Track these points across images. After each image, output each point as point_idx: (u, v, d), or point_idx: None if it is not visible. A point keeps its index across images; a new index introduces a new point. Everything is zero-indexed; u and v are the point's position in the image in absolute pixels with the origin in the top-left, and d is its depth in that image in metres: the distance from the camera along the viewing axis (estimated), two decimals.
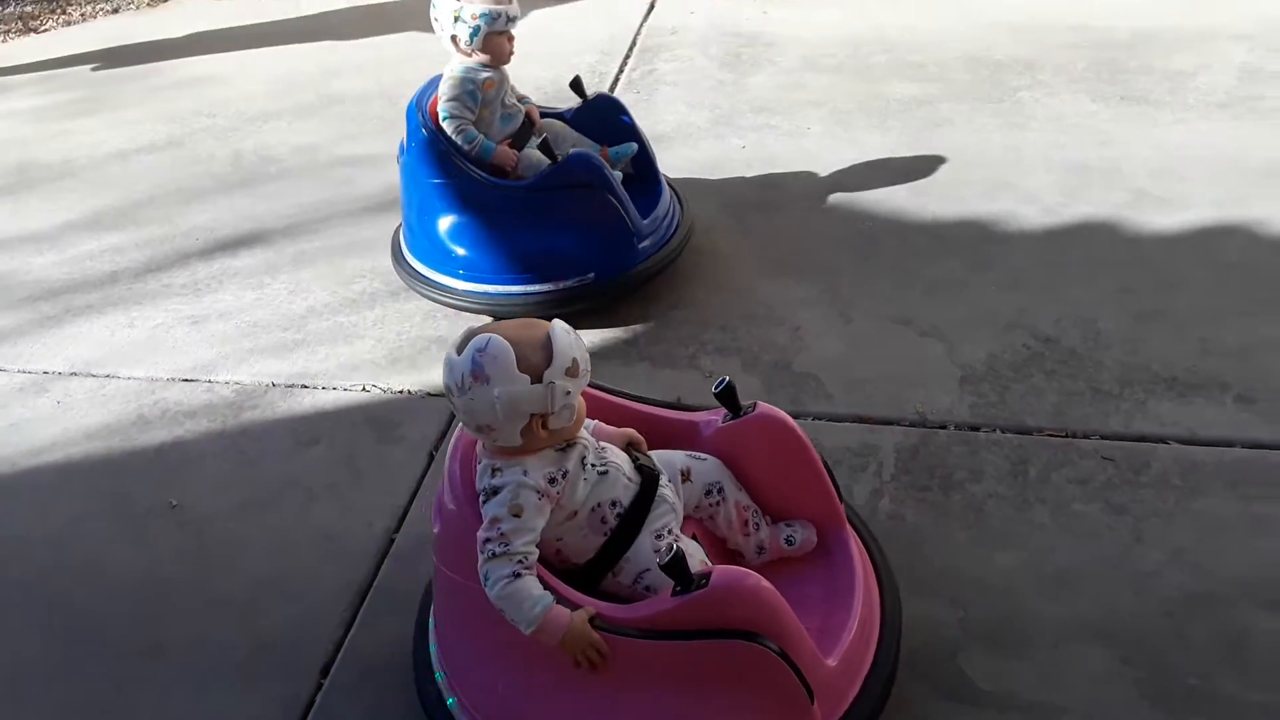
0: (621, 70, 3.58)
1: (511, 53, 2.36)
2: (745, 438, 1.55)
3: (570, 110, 2.57)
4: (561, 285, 2.33)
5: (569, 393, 1.36)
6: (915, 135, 3.06)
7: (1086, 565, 1.78)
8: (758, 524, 1.56)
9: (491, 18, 2.27)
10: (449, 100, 2.32)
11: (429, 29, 2.41)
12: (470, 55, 2.32)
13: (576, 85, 2.55)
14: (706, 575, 1.29)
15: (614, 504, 1.43)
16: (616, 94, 3.41)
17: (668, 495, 1.48)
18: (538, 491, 1.36)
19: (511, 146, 2.39)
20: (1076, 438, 2.03)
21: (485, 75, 2.34)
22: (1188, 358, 2.19)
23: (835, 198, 2.82)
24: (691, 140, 3.13)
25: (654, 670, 1.32)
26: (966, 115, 3.15)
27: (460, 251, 2.38)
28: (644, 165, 2.52)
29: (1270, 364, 2.16)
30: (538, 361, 1.35)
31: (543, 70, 3.43)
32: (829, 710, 1.37)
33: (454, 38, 2.31)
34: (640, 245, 2.36)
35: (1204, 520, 1.84)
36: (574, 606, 1.33)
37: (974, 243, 2.61)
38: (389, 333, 2.46)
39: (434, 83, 2.40)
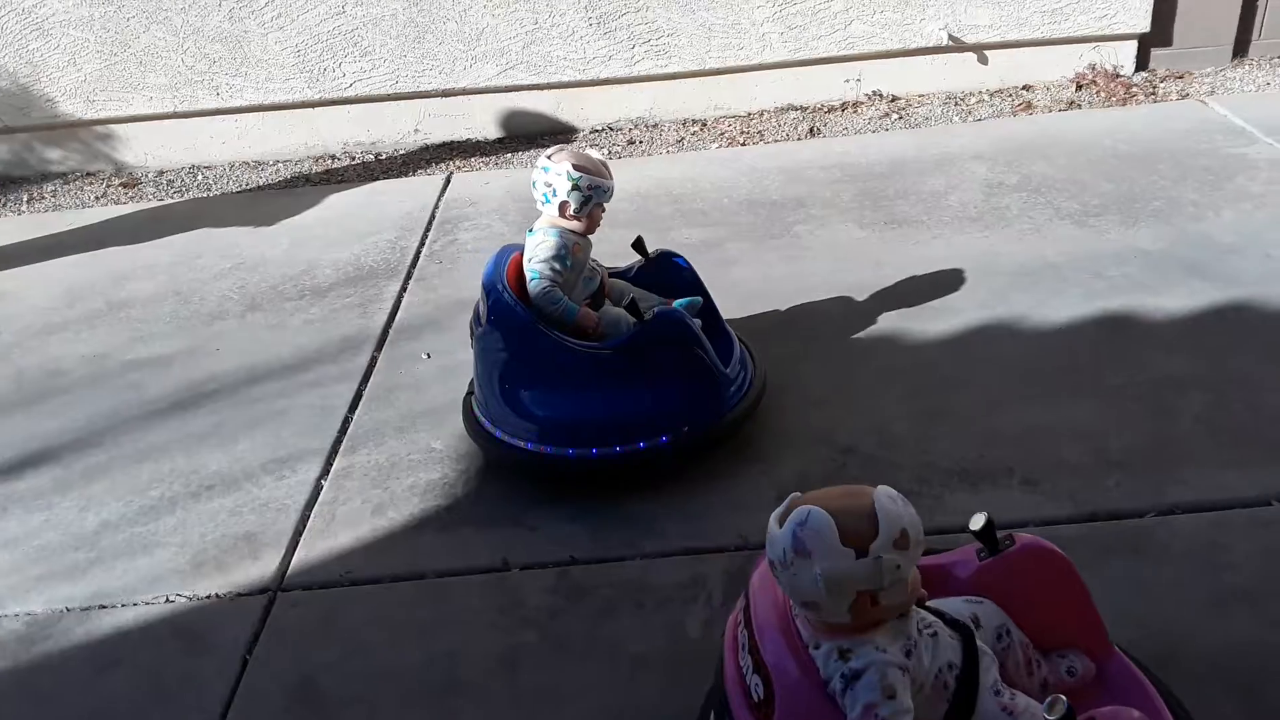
0: (423, 243, 3.70)
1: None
2: (1012, 573, 1.49)
3: (633, 269, 2.65)
4: (655, 442, 2.32)
5: (899, 566, 1.28)
6: (708, 275, 3.26)
7: None
8: (1039, 661, 1.51)
9: (604, 191, 2.39)
10: (545, 262, 2.35)
11: (222, 223, 2.44)
12: (570, 221, 2.39)
13: (639, 245, 2.64)
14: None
15: (950, 666, 1.35)
16: (419, 268, 3.52)
17: (985, 646, 1.42)
18: (901, 668, 1.29)
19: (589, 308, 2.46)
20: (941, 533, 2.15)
21: (576, 241, 2.41)
22: (974, 449, 2.38)
23: None
24: None
25: None
26: (752, 253, 3.41)
27: (552, 417, 2.35)
28: (710, 316, 2.59)
29: (1047, 446, 2.37)
30: (864, 534, 1.28)
31: (341, 251, 3.49)
32: None
33: (564, 204, 2.37)
34: (729, 394, 2.42)
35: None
36: None
37: (773, 367, 2.78)
38: (191, 536, 2.37)
39: (505, 255, 2.42)
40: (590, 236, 2.46)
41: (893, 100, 4.55)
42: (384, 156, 4.65)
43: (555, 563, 2.19)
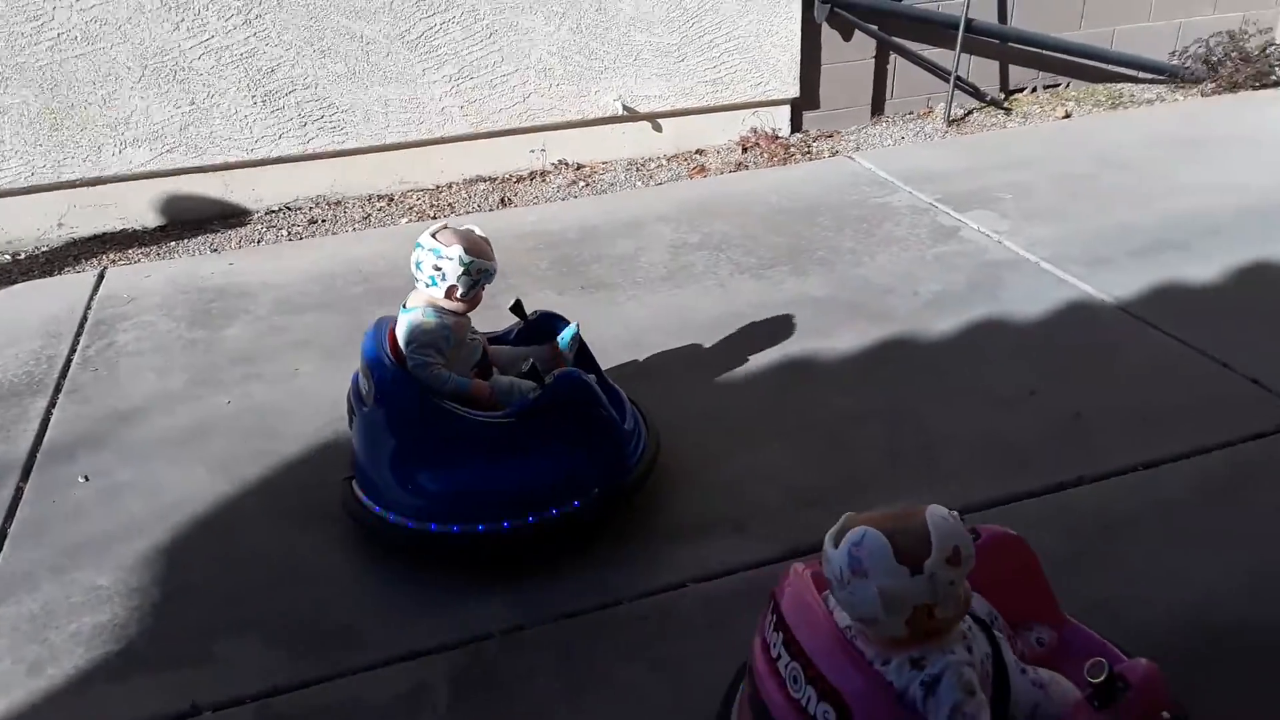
0: (73, 350, 3.31)
1: None
2: (984, 561, 1.48)
3: (512, 331, 2.60)
4: (566, 508, 2.26)
5: (953, 582, 1.35)
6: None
7: None
8: (1013, 637, 1.59)
9: (491, 274, 2.35)
10: (424, 347, 2.27)
11: None
12: (453, 303, 2.32)
13: (517, 308, 2.60)
14: (1123, 679, 1.39)
15: (987, 656, 1.43)
16: (69, 378, 3.14)
17: (998, 630, 1.49)
18: (970, 665, 1.36)
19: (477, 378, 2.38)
20: (609, 607, 2.15)
21: (457, 319, 2.35)
22: (694, 503, 2.46)
23: (328, 433, 2.80)
24: (168, 407, 2.95)
25: None
26: None
27: (457, 492, 2.24)
28: (591, 367, 2.54)
29: (750, 491, 2.49)
30: (917, 552, 1.34)
31: None
32: None
33: (452, 288, 2.29)
34: (632, 450, 2.38)
35: (737, 644, 2.03)
36: None
37: None
38: None
39: (382, 327, 2.33)
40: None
41: (578, 168, 4.72)
42: (22, 256, 4.15)
43: (253, 695, 1.99)
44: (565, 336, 2.53)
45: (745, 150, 4.80)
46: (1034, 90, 5.45)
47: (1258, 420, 2.62)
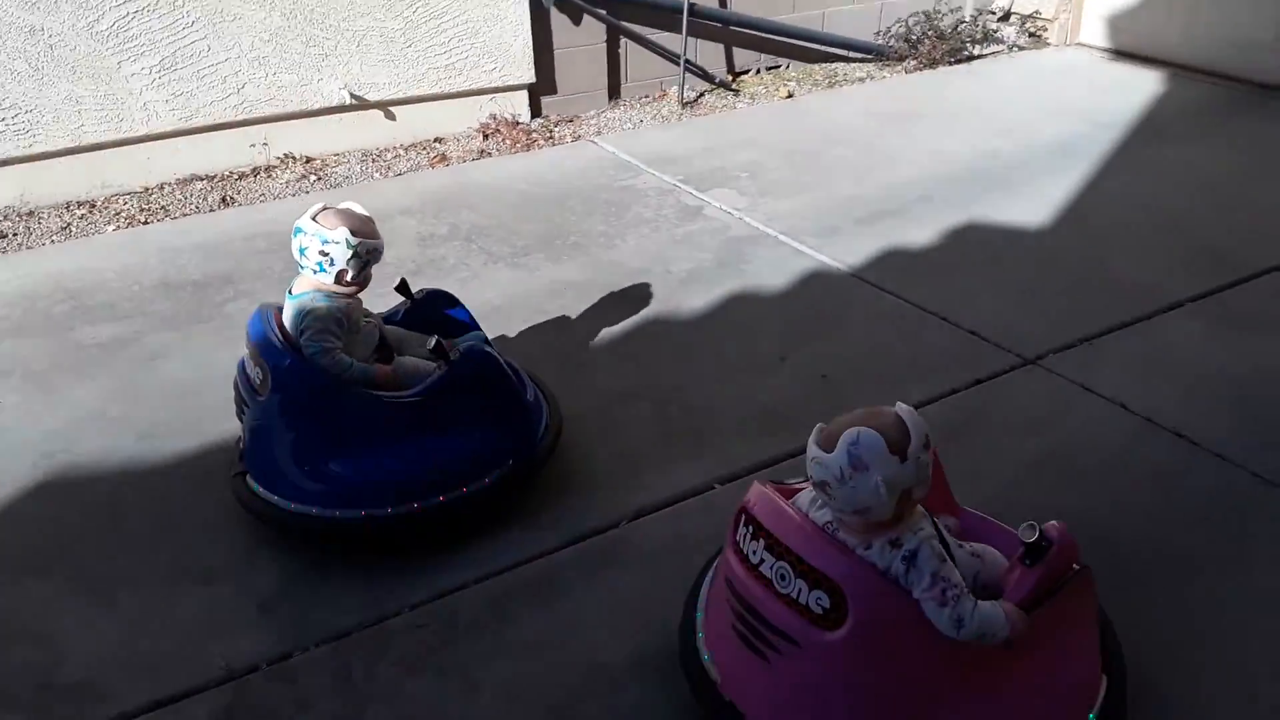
0: None
1: None
2: None
3: (399, 312, 2.53)
4: (483, 482, 2.25)
5: (928, 464, 1.58)
6: (128, 378, 2.92)
7: None
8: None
9: (379, 252, 2.30)
10: (320, 334, 2.20)
11: None
12: (344, 286, 2.27)
13: (403, 287, 2.53)
14: (1045, 538, 1.65)
15: (932, 535, 1.62)
16: None
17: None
18: (940, 539, 1.61)
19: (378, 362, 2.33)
20: (387, 620, 2.08)
21: (349, 303, 2.30)
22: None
23: (42, 471, 2.52)
24: None
25: (1049, 623, 1.64)
26: (179, 344, 3.11)
27: (366, 477, 2.18)
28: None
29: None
30: (902, 443, 1.55)
31: None
32: None
33: (342, 271, 2.24)
34: (538, 423, 2.39)
35: (522, 642, 2.02)
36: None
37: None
38: None
39: (266, 315, 2.25)
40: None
41: (308, 161, 4.49)
42: None
43: None
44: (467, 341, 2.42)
45: (487, 137, 4.76)
46: (758, 72, 5.76)
47: (977, 368, 2.91)
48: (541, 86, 5.01)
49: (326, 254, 2.22)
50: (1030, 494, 2.40)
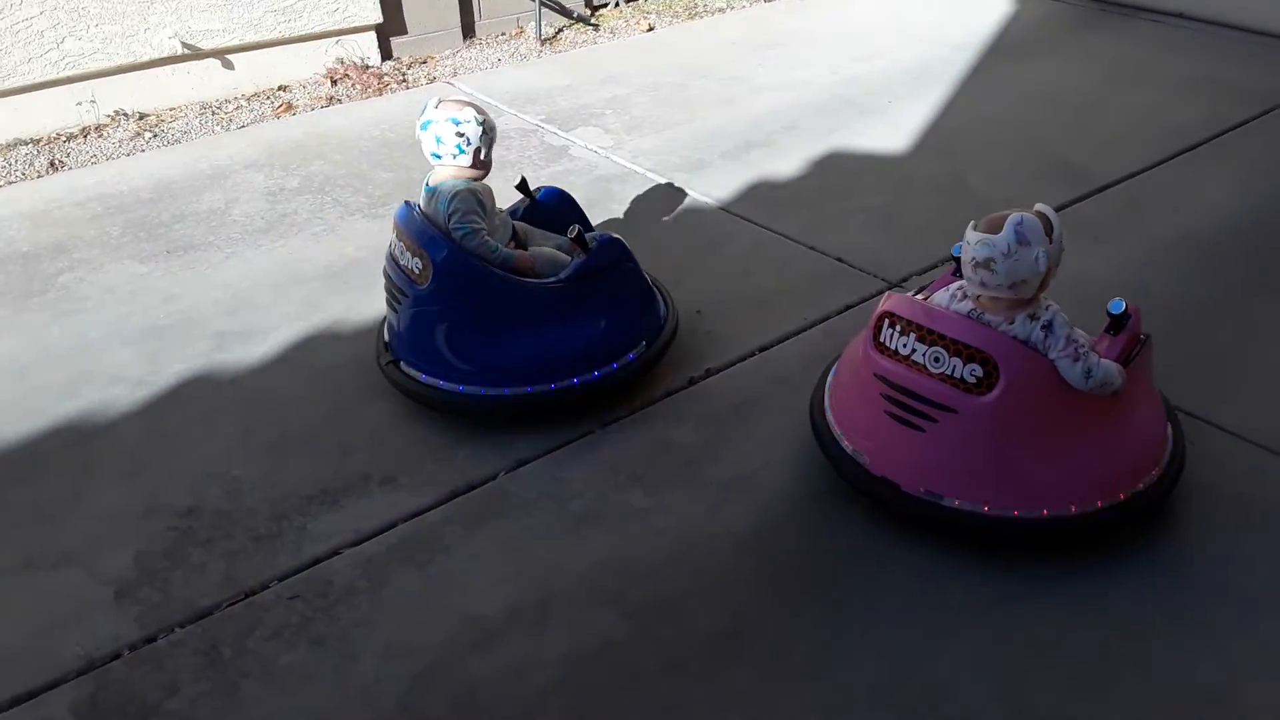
0: None
1: None
2: None
3: (519, 209, 2.70)
4: (632, 356, 2.47)
5: (1062, 250, 1.94)
6: None
7: (322, 711, 1.77)
8: None
9: (496, 132, 2.48)
10: (467, 215, 2.36)
11: None
12: (474, 170, 2.44)
13: (523, 186, 2.73)
14: (1128, 312, 2.10)
15: None
16: None
17: None
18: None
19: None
20: (255, 594, 2.01)
21: (484, 187, 2.47)
22: (328, 468, 2.34)
23: None
24: None
25: (1132, 379, 2.05)
26: (11, 319, 2.90)
27: (533, 356, 2.37)
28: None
29: (397, 439, 2.42)
30: (1049, 228, 1.92)
31: None
32: None
33: (477, 150, 2.41)
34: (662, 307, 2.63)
35: (398, 604, 1.98)
36: None
37: (60, 451, 2.41)
38: None
39: (412, 210, 2.43)
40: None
41: (141, 118, 4.22)
42: None
43: None
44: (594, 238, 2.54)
45: (335, 83, 4.56)
46: (617, 5, 5.67)
47: (846, 293, 2.97)
48: (390, 27, 4.82)
49: (463, 134, 2.39)
50: None
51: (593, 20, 5.44)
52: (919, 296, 2.16)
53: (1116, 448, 2.03)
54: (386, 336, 2.55)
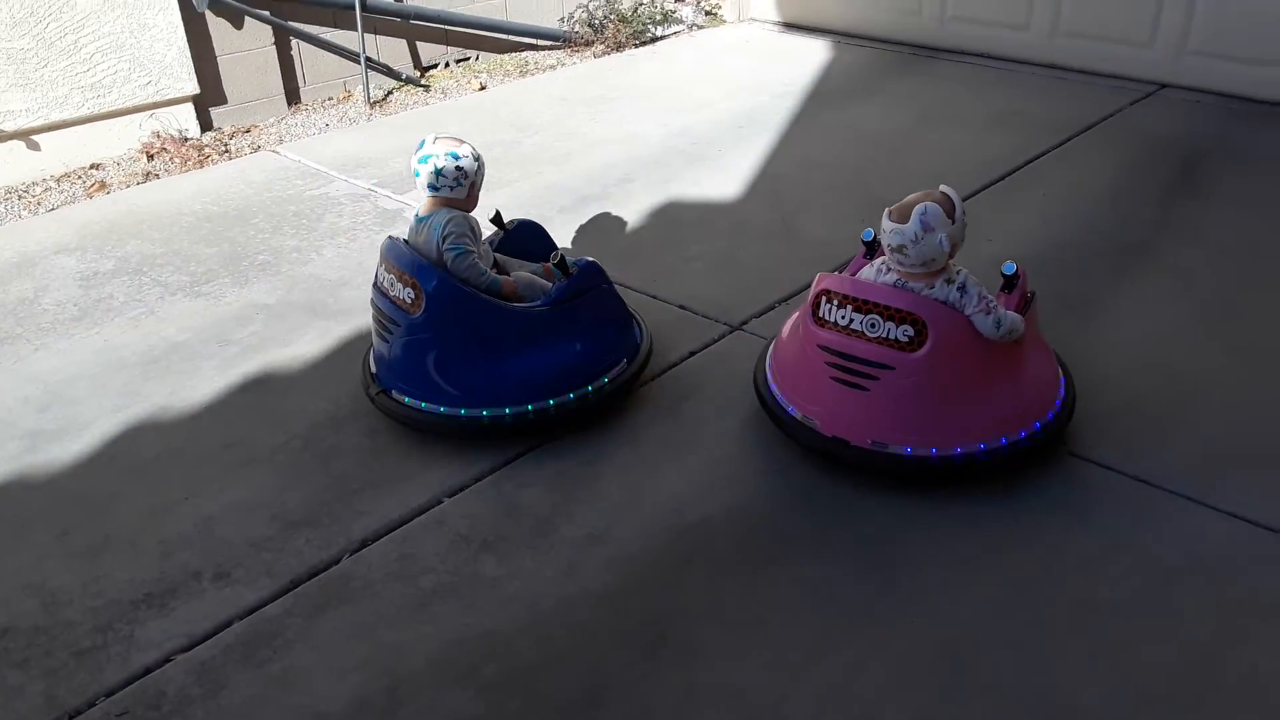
0: None
1: None
2: None
3: (494, 240, 2.80)
4: (608, 378, 2.59)
5: (965, 224, 2.27)
6: None
7: None
8: None
9: (485, 167, 2.64)
10: (461, 238, 2.48)
11: None
12: (467, 203, 2.60)
13: (498, 219, 2.86)
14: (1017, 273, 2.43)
15: None
16: None
17: None
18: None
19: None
20: (81, 713, 1.85)
21: (474, 217, 2.59)
22: (153, 568, 2.19)
23: None
24: None
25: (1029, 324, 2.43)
26: None
27: (523, 377, 2.49)
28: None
29: (229, 532, 2.29)
30: (951, 210, 2.22)
31: None
32: None
33: (472, 186, 2.58)
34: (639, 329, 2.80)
35: (237, 709, 1.86)
36: None
37: None
38: None
39: (399, 242, 2.54)
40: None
41: None
42: None
43: None
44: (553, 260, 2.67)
45: (151, 158, 4.37)
46: (447, 65, 5.66)
47: (691, 340, 3.00)
48: (209, 97, 4.67)
49: (462, 168, 2.54)
50: (759, 447, 2.50)
51: (423, 81, 5.41)
52: (843, 270, 2.53)
53: (1028, 385, 2.41)
54: (374, 368, 2.65)
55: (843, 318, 2.32)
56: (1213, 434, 2.53)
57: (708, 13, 6.54)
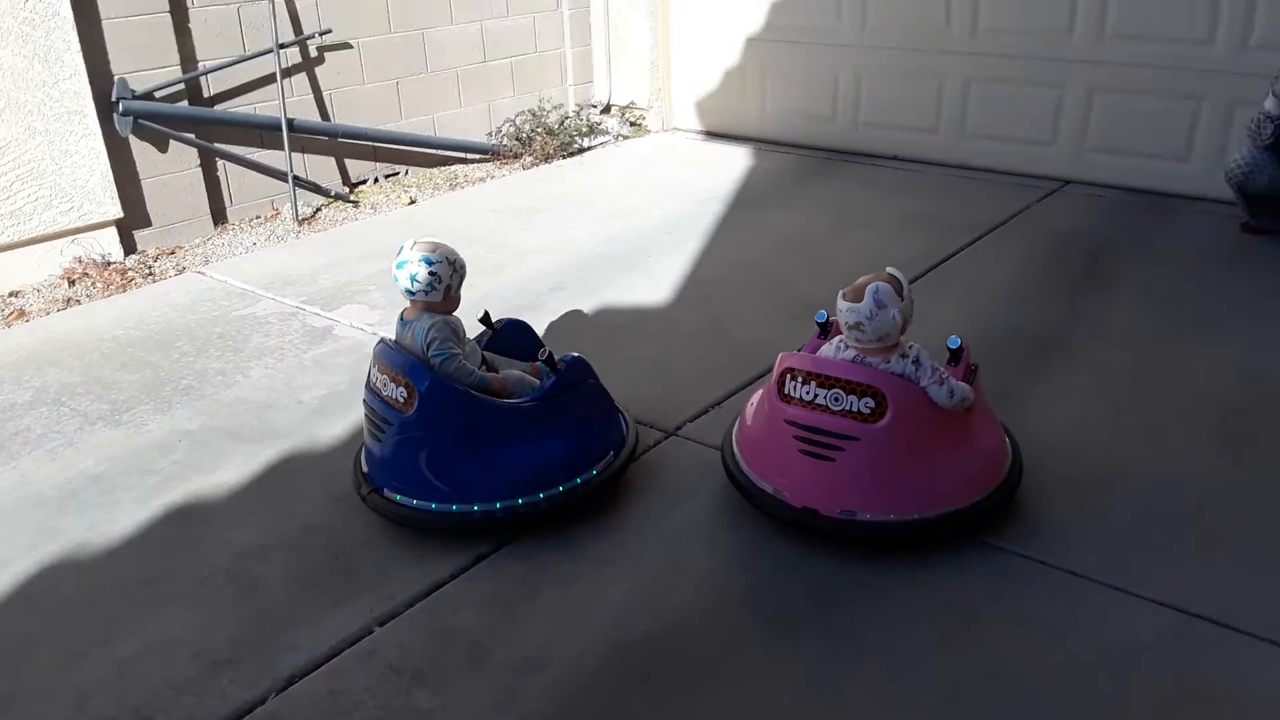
0: None
1: None
2: None
3: (483, 340, 2.86)
4: (596, 470, 2.64)
5: (913, 301, 2.46)
6: None
7: None
8: None
9: (465, 269, 2.69)
10: (445, 342, 2.57)
11: None
12: (447, 303, 2.66)
13: (486, 319, 2.90)
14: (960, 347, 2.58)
15: None
16: None
17: None
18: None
19: None
20: None
21: (457, 318, 2.68)
22: None
23: None
24: None
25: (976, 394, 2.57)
26: None
27: (508, 476, 2.53)
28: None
29: (151, 676, 2.19)
30: (900, 289, 2.42)
31: None
32: None
33: (448, 289, 2.63)
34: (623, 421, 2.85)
35: None
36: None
37: None
38: None
39: (390, 345, 2.63)
40: None
41: None
42: None
43: None
44: (546, 367, 2.73)
45: (72, 283, 4.29)
46: (376, 181, 5.71)
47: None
48: (132, 220, 4.63)
49: (436, 273, 2.59)
50: (702, 553, 2.48)
51: (352, 197, 5.44)
52: (805, 350, 2.68)
53: (979, 452, 2.56)
54: (365, 467, 2.70)
55: (807, 393, 2.46)
56: (1130, 519, 2.58)
57: (632, 124, 6.72)
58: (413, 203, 5.42)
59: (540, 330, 3.77)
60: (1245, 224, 4.50)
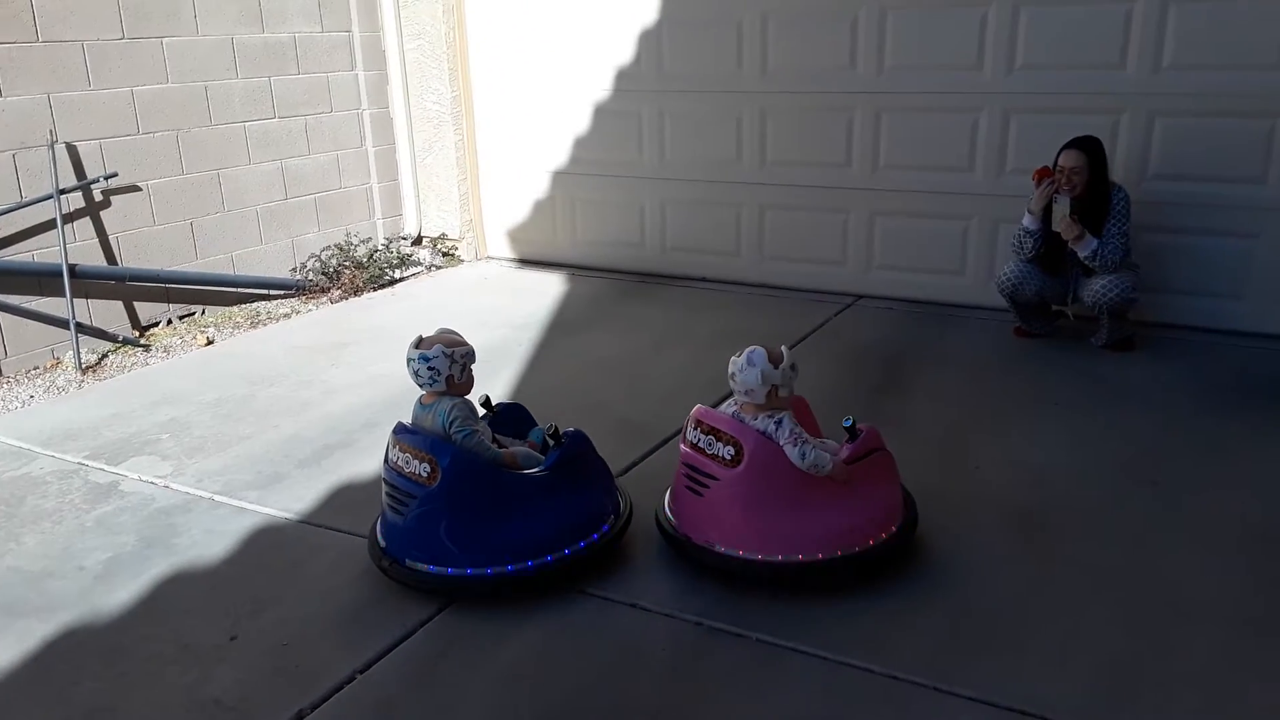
0: None
1: None
2: None
3: (487, 420, 3.05)
4: (601, 533, 2.90)
5: (791, 379, 2.76)
6: None
7: None
8: None
9: (472, 354, 2.93)
10: (465, 421, 2.82)
11: None
12: (456, 388, 2.89)
13: (487, 403, 3.10)
14: (859, 428, 2.89)
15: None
16: None
17: None
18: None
19: None
20: None
21: (469, 400, 2.91)
22: None
23: None
24: None
25: (859, 474, 2.80)
26: None
27: (528, 536, 2.78)
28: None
29: None
30: (777, 358, 2.74)
31: None
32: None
33: (450, 378, 2.86)
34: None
35: None
36: None
37: None
38: None
39: (405, 427, 2.89)
40: None
41: None
42: None
43: None
44: (536, 434, 3.05)
45: None
46: (169, 323, 5.39)
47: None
48: None
49: (434, 368, 2.83)
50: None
51: (142, 341, 5.11)
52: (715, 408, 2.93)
53: (849, 513, 2.77)
54: (383, 542, 2.87)
55: (699, 439, 2.83)
56: (947, 622, 2.64)
57: (445, 254, 6.69)
58: (210, 343, 5.14)
59: (353, 470, 3.60)
60: (1018, 328, 4.87)
